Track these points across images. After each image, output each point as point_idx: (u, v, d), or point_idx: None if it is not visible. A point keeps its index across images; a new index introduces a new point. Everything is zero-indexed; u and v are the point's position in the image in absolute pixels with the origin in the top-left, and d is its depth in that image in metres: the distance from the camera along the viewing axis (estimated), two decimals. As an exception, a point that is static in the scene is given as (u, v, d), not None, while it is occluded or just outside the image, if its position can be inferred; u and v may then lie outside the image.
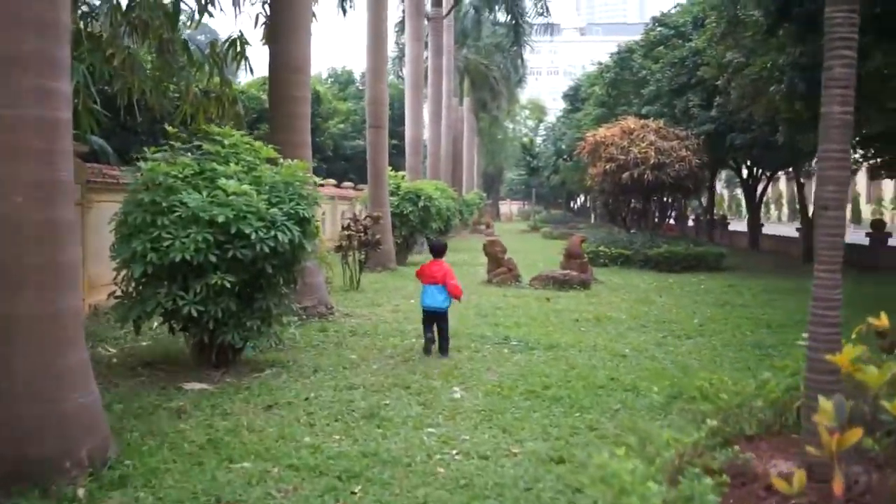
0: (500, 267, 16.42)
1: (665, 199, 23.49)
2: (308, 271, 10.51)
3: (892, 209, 47.93)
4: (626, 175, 21.13)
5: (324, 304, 11.55)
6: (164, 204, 7.11)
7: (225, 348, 7.84)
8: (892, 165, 25.42)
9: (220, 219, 7.05)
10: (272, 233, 7.33)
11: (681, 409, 6.31)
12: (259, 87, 31.90)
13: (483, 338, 10.08)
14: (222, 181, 7.38)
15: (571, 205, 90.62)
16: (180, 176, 7.44)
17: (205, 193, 7.30)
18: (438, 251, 9.83)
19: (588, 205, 71.29)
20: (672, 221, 28.30)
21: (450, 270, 9.46)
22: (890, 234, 22.84)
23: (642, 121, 22.68)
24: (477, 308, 12.82)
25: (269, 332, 8.03)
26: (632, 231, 23.13)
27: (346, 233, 15.03)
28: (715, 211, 36.73)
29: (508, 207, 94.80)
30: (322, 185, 29.14)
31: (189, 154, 8.06)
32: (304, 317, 10.87)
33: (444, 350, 9.06)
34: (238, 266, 7.31)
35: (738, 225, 42.39)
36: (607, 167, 21.58)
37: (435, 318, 9.15)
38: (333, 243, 15.96)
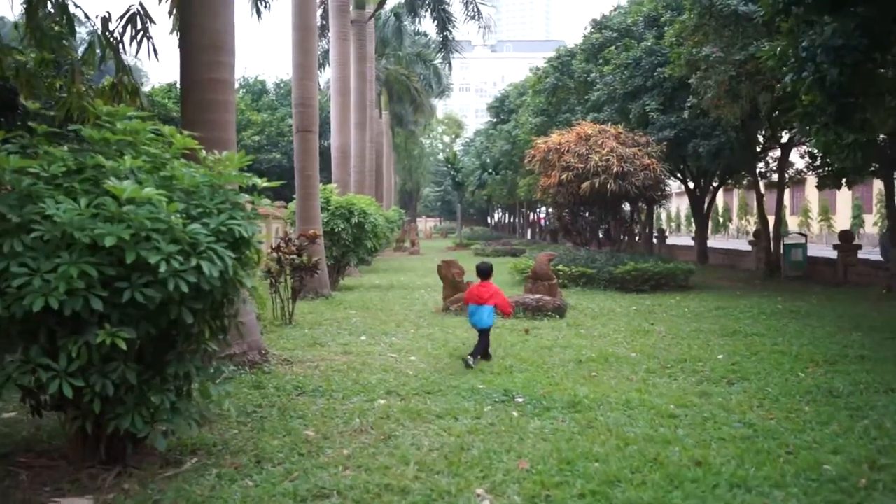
0: (458, 292, 13.96)
1: (632, 211, 21.43)
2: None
3: (820, 220, 47.39)
4: (585, 185, 18.94)
5: (257, 350, 8.88)
6: (13, 219, 4.43)
7: (121, 437, 5.16)
8: (840, 175, 24.15)
9: (109, 241, 4.41)
10: (193, 262, 4.72)
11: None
12: (165, 94, 28.73)
13: (475, 393, 7.59)
14: (112, 182, 4.71)
15: (489, 220, 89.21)
16: (44, 174, 4.76)
17: (84, 202, 4.62)
18: (486, 274, 10.03)
19: (512, 220, 69.64)
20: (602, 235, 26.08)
21: (499, 291, 9.84)
22: (859, 247, 21.29)
23: (599, 126, 20.60)
24: (447, 347, 10.34)
25: (190, 410, 5.38)
26: (588, 247, 20.98)
27: (275, 255, 12.36)
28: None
29: (425, 224, 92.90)
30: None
31: (61, 145, 5.38)
32: (233, 368, 8.21)
33: (476, 353, 9.28)
34: (139, 314, 4.70)
35: (675, 239, 41.07)
36: (563, 176, 19.37)
37: (480, 333, 9.55)
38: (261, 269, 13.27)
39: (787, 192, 25.90)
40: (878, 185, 40.13)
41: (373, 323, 12.64)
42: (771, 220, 23.20)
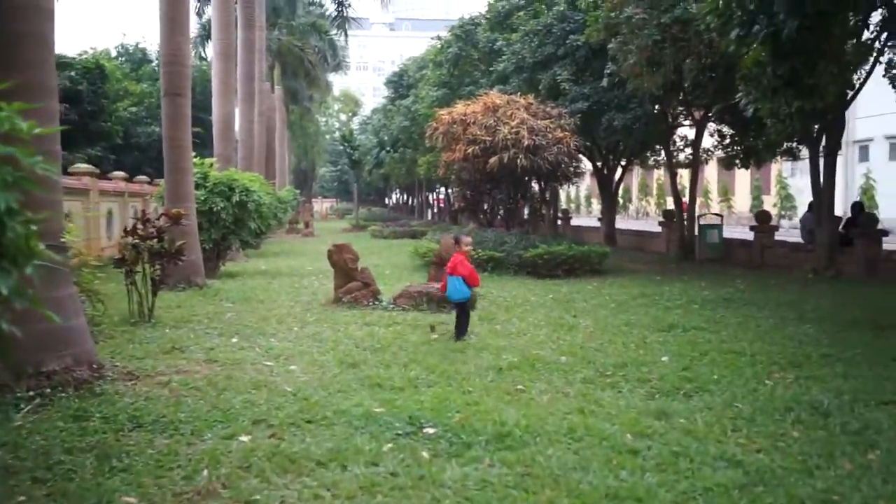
0: (351, 281, 12.07)
1: (543, 189, 19.85)
2: (60, 307, 5.92)
3: (720, 202, 47.23)
4: (493, 160, 17.21)
5: (86, 363, 6.81)
6: None
7: None
8: (750, 154, 23.31)
9: None
10: None
11: None
12: None
13: (371, 420, 5.77)
14: None
15: (387, 201, 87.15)
16: None
17: None
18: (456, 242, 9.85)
19: (411, 201, 67.78)
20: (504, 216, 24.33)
21: (462, 260, 9.45)
22: (776, 228, 20.38)
23: (508, 96, 18.88)
24: (336, 351, 8.45)
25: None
26: (494, 228, 19.30)
27: (129, 240, 10.19)
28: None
29: (321, 205, 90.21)
30: (108, 178, 23.75)
31: None
32: (45, 393, 6.16)
33: (460, 334, 9.22)
34: None
35: (578, 220, 40.13)
36: (469, 151, 17.59)
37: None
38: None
39: (685, 173, 24.92)
40: (776, 167, 40.17)
41: (250, 319, 10.63)
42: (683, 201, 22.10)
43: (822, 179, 15.80)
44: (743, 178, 44.65)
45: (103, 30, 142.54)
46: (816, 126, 15.67)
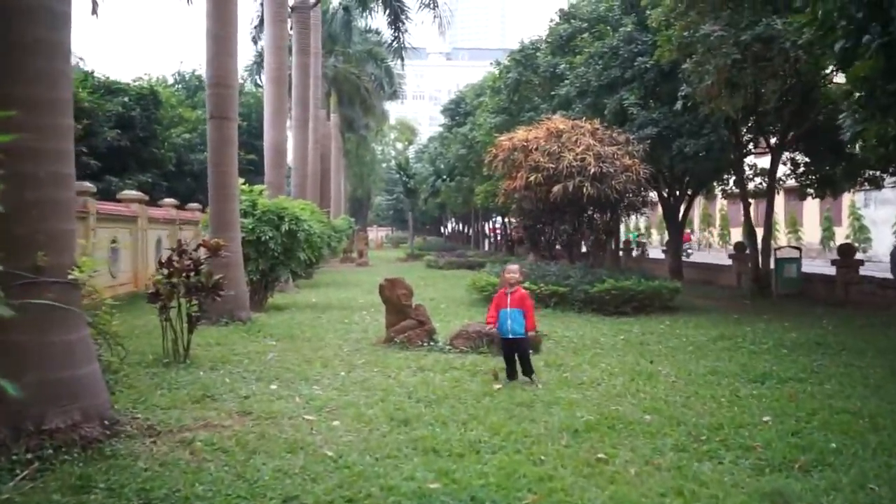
0: (405, 319, 11.09)
1: (611, 219, 18.71)
2: (69, 353, 5.09)
3: (788, 233, 45.31)
4: (557, 188, 16.15)
5: (96, 419, 5.89)
6: None
7: None
8: (825, 184, 21.92)
9: None
10: None
11: None
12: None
13: (426, 501, 4.76)
14: None
15: (442, 230, 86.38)
16: None
17: None
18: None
19: (467, 230, 66.92)
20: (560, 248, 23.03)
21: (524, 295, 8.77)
22: (861, 263, 18.92)
23: (573, 121, 17.84)
24: (387, 402, 7.46)
25: None
26: (556, 261, 18.18)
27: (163, 271, 9.38)
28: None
29: (376, 233, 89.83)
30: (158, 206, 23.28)
31: None
32: (46, 455, 5.28)
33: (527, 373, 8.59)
34: None
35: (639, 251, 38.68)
36: (531, 178, 16.55)
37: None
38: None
39: (751, 204, 23.62)
40: (847, 197, 38.32)
41: (293, 360, 9.70)
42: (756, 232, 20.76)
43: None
44: (812, 208, 42.77)
45: (162, 58, 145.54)
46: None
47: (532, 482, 5.18)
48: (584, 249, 20.04)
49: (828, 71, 17.62)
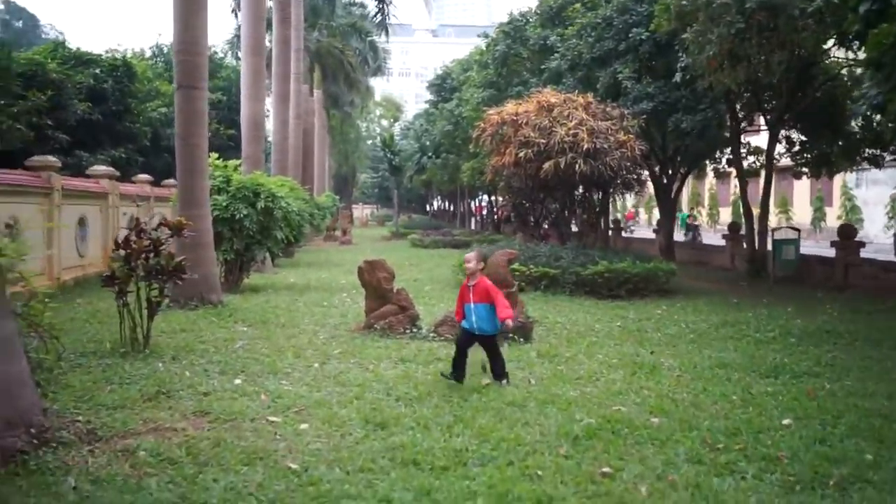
0: (386, 304, 10.29)
1: (605, 198, 17.93)
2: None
3: (778, 213, 44.61)
4: (548, 165, 15.32)
5: (22, 426, 5.05)
6: None
7: None
8: (820, 163, 21.20)
9: None
10: None
11: None
12: (48, 55, 24.38)
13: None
14: None
15: (428, 208, 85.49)
16: None
17: None
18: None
19: (452, 208, 66.06)
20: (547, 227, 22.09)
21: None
22: (863, 244, 18.22)
23: (565, 94, 16.98)
24: (362, 400, 6.68)
25: None
26: (546, 241, 17.40)
27: (120, 252, 8.53)
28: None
29: (361, 211, 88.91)
30: (131, 182, 22.29)
31: None
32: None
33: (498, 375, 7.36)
34: None
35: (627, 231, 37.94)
36: (520, 155, 15.71)
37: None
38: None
39: (733, 183, 22.96)
40: (839, 177, 37.68)
41: (263, 350, 8.89)
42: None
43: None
44: (802, 188, 42.10)
45: (141, 31, 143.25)
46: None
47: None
48: (574, 229, 19.29)
49: (830, 44, 16.89)
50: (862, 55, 16.01)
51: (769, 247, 19.14)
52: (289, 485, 4.68)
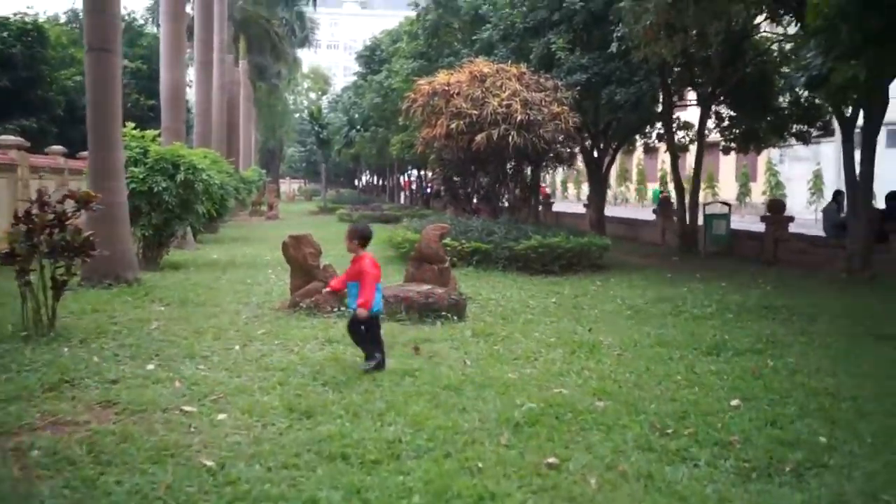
0: (312, 281, 9.77)
1: (538, 171, 17.59)
2: None
3: (705, 188, 45.09)
4: (480, 137, 14.92)
5: None
6: None
7: None
8: (748, 139, 21.38)
9: None
10: None
11: None
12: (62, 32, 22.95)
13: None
14: None
15: (356, 183, 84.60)
16: None
17: None
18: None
19: (382, 183, 65.35)
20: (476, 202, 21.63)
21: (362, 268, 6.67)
22: (792, 219, 18.35)
23: (498, 65, 16.56)
24: (287, 385, 6.19)
25: None
26: (477, 216, 17.02)
27: (20, 227, 7.83)
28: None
29: (289, 186, 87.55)
30: (44, 153, 21.16)
31: None
32: None
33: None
34: None
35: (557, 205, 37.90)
36: (452, 126, 15.26)
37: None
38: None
39: (667, 158, 23.02)
40: (763, 154, 38.24)
41: (180, 332, 8.28)
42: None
43: (858, 166, 13.70)
44: (728, 164, 42.65)
45: None
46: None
47: (469, 502, 4.03)
48: (505, 204, 18.99)
49: (761, 19, 16.86)
50: (792, 31, 16.09)
51: (700, 222, 19.18)
52: (202, 485, 4.19)
